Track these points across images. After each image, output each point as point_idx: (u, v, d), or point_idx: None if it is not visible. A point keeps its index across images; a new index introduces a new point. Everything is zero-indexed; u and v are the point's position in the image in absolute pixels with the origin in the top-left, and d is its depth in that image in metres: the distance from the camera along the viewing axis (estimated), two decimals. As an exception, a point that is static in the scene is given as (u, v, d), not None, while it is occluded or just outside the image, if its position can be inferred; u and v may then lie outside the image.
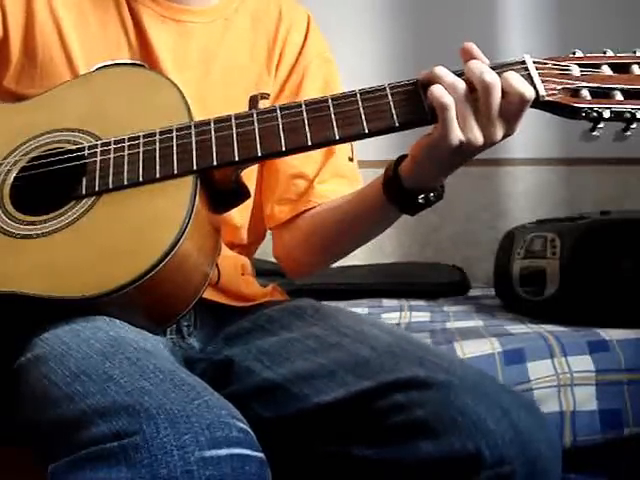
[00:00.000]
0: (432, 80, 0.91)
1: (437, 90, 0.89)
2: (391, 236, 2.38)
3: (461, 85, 0.89)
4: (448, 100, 0.89)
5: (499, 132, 0.91)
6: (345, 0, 2.41)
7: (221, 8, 1.16)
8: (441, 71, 0.91)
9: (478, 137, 0.90)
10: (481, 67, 0.90)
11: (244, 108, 0.99)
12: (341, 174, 1.17)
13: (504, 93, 0.89)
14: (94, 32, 1.09)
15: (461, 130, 0.89)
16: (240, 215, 1.14)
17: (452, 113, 0.89)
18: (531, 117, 0.92)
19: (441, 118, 0.89)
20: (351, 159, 1.18)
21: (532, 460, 0.84)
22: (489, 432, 0.83)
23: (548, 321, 1.64)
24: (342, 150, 1.17)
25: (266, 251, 1.28)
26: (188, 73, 1.10)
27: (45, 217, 0.92)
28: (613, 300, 1.62)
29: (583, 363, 1.46)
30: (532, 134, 2.27)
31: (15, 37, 1.08)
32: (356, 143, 1.19)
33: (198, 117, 0.97)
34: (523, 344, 1.49)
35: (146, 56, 1.10)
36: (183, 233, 0.87)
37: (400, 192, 0.98)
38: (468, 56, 0.92)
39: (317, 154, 1.16)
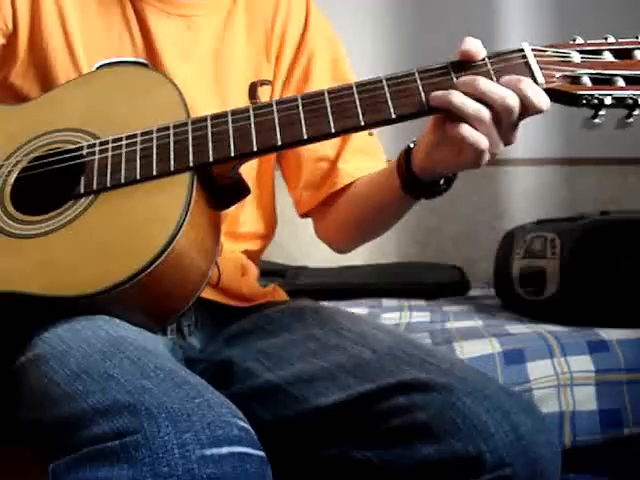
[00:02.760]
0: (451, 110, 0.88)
1: (472, 135, 0.87)
2: (391, 236, 2.37)
3: (487, 115, 0.87)
4: (485, 143, 0.87)
5: (517, 134, 0.90)
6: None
7: (220, 0, 1.15)
8: (462, 106, 0.87)
9: (500, 147, 0.90)
10: (503, 91, 0.87)
11: (246, 95, 0.99)
12: (363, 150, 1.16)
13: (523, 106, 0.88)
14: (98, 29, 1.10)
15: (488, 153, 0.89)
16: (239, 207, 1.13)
17: (487, 151, 0.88)
18: (531, 117, 0.92)
19: (475, 157, 0.89)
20: (371, 134, 1.18)
21: (532, 462, 0.84)
22: (490, 435, 0.83)
23: (548, 321, 1.64)
24: None
25: (266, 251, 1.28)
26: (200, 66, 1.11)
27: (44, 217, 0.93)
28: (613, 300, 1.62)
29: (583, 363, 1.47)
30: (532, 134, 2.28)
31: (23, 32, 1.08)
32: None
33: (215, 107, 0.97)
34: (523, 344, 1.49)
35: (150, 54, 1.10)
36: (179, 230, 0.87)
37: (420, 186, 0.98)
38: (467, 58, 0.91)
39: None
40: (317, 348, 0.99)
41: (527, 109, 0.88)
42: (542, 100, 0.88)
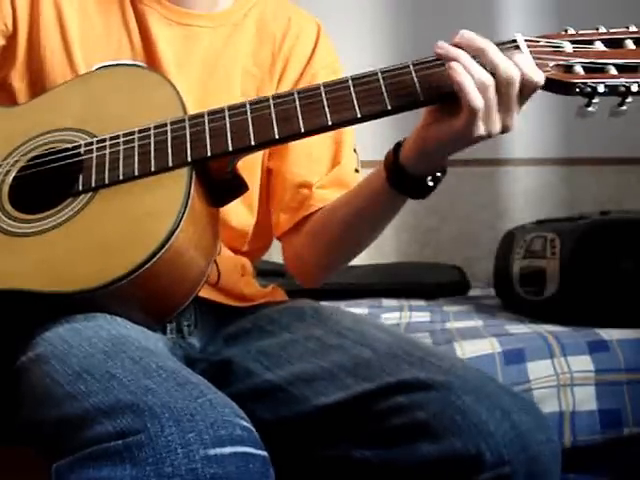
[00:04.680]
0: (456, 73, 0.87)
1: (470, 92, 0.87)
2: (391, 236, 2.38)
3: (491, 83, 0.87)
4: (480, 104, 0.87)
5: (515, 118, 0.90)
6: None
7: (229, 14, 1.15)
8: (471, 66, 0.87)
9: (498, 128, 0.90)
10: (504, 60, 0.88)
11: None
12: (344, 184, 1.15)
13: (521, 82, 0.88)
14: (97, 32, 1.10)
15: (484, 125, 0.89)
16: (237, 217, 1.14)
17: (480, 114, 0.88)
18: (531, 117, 0.93)
19: (468, 119, 0.88)
20: (357, 170, 1.17)
21: (532, 461, 0.84)
22: (490, 433, 0.83)
23: (548, 321, 1.64)
24: (348, 161, 1.17)
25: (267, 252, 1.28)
26: (190, 76, 1.10)
27: (43, 215, 0.93)
28: (613, 300, 1.62)
29: (583, 363, 1.47)
30: (532, 134, 2.27)
31: (22, 34, 1.08)
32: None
33: None
34: (523, 344, 1.49)
35: (148, 58, 1.10)
36: (178, 225, 0.87)
37: (408, 181, 0.97)
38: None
39: (324, 163, 1.16)
40: (317, 348, 0.99)
41: (524, 85, 0.88)
42: (537, 74, 0.88)
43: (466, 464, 0.84)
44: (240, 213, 1.13)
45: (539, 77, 0.89)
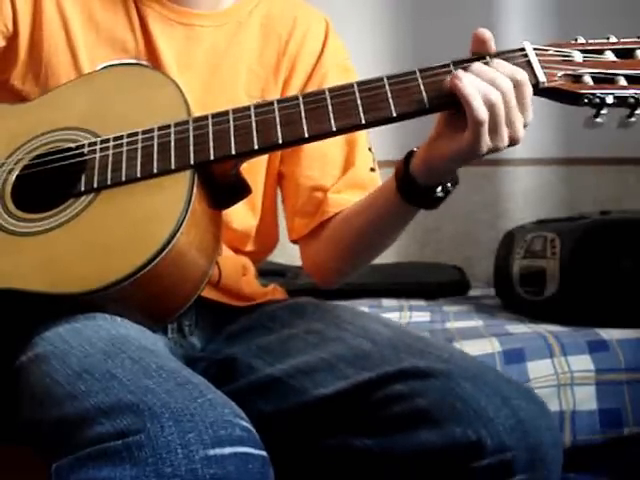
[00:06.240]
0: (462, 90, 0.87)
1: (475, 105, 0.86)
2: (391, 236, 2.38)
3: (497, 95, 0.87)
4: (485, 116, 0.87)
5: (521, 130, 0.90)
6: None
7: (233, 12, 1.15)
8: (475, 81, 0.88)
9: (505, 139, 0.89)
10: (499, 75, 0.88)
11: None
12: (359, 185, 1.14)
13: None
14: (101, 33, 1.09)
15: (491, 139, 0.88)
16: (239, 218, 1.14)
17: (486, 127, 0.87)
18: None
19: (474, 133, 0.87)
20: (373, 169, 1.17)
21: (533, 447, 0.85)
22: (490, 420, 0.84)
23: (548, 321, 1.64)
24: (363, 162, 1.16)
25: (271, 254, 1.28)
26: (192, 76, 1.10)
27: (45, 214, 0.93)
28: (613, 300, 1.62)
29: (583, 363, 1.47)
30: (532, 134, 2.26)
31: (24, 34, 1.08)
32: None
33: None
34: (523, 344, 1.49)
35: (151, 58, 1.09)
36: (179, 227, 0.87)
37: (417, 192, 0.97)
38: (480, 44, 0.92)
39: (337, 166, 1.15)
40: (317, 341, 1.00)
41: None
42: (518, 73, 0.89)
43: (466, 450, 0.84)
44: (242, 215, 1.13)
45: (520, 75, 0.89)
